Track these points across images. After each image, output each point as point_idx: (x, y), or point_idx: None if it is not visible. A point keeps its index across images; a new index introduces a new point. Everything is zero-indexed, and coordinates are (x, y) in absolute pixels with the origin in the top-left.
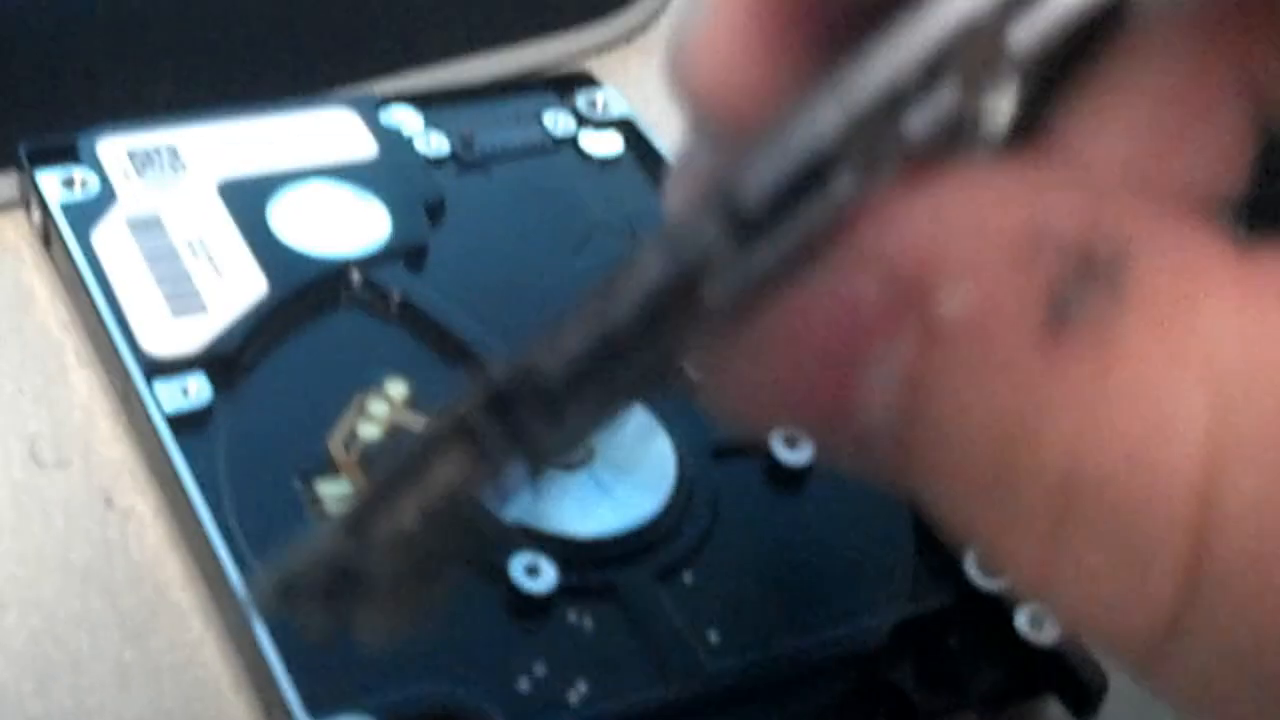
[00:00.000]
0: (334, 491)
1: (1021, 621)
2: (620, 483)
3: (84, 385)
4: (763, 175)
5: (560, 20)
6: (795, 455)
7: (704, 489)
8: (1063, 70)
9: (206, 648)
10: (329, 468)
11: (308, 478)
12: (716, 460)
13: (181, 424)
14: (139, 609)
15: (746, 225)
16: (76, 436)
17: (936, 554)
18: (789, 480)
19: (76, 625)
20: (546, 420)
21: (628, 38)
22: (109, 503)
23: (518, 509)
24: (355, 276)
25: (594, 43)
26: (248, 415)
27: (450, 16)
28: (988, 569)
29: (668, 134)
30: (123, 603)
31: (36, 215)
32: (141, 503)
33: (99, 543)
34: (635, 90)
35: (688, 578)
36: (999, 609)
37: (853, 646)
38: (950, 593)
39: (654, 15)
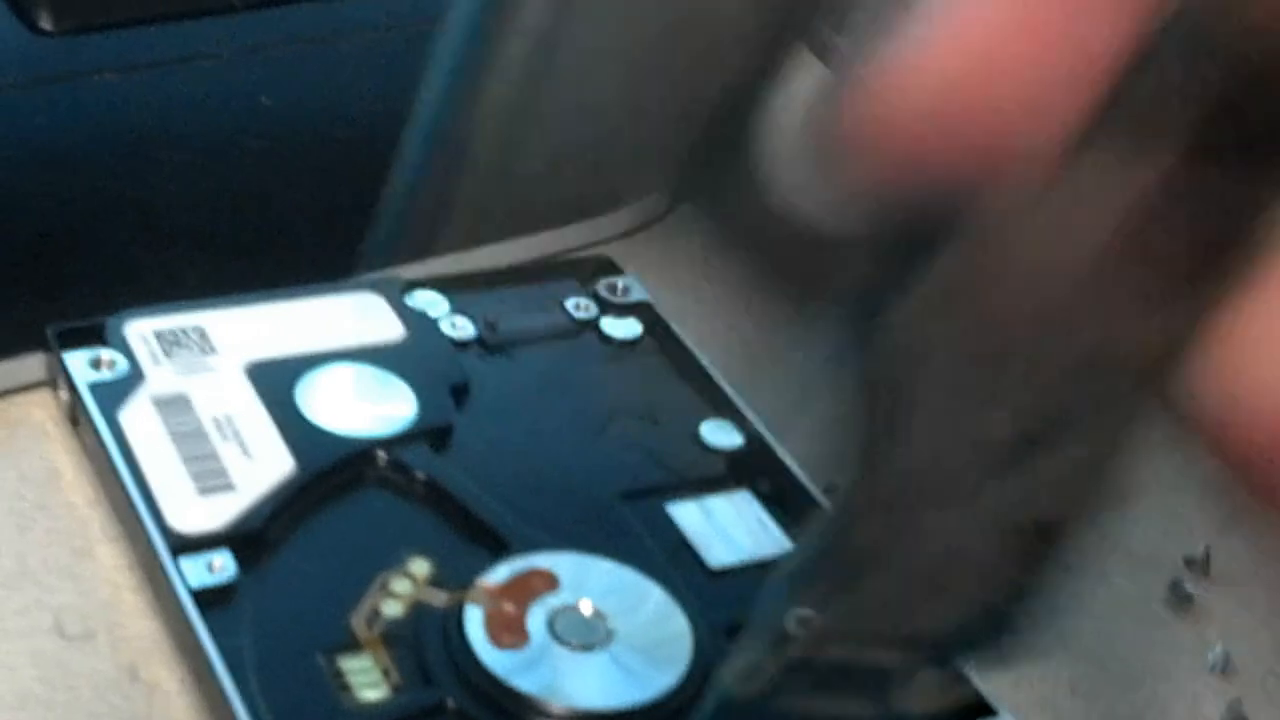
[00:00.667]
0: (357, 667)
1: None
2: (638, 660)
3: (110, 560)
4: None
5: (579, 209)
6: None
7: (720, 664)
8: None
9: None
10: (352, 644)
11: (331, 653)
12: (731, 637)
13: (207, 600)
14: None
15: None
16: (102, 610)
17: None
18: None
19: None
20: None
21: (645, 225)
22: (134, 676)
23: (538, 684)
24: (381, 456)
25: (612, 231)
26: (273, 591)
27: (474, 204)
28: None
29: (683, 318)
30: None
31: (64, 395)
32: (167, 676)
33: (125, 716)
34: (653, 275)
35: None
36: None
37: None
38: None
39: (669, 204)
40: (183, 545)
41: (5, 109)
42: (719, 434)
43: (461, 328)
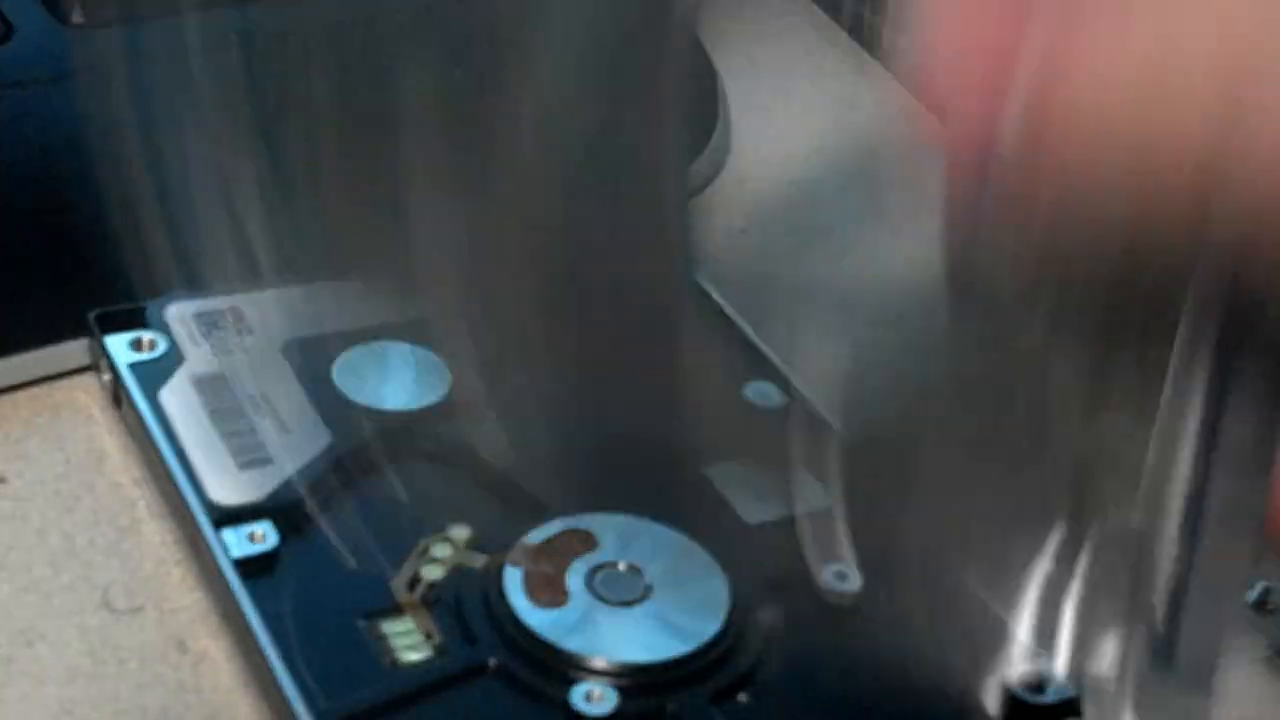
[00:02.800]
0: (398, 629)
1: None
2: (677, 613)
3: (156, 536)
4: None
5: None
6: (846, 585)
7: (758, 617)
8: None
9: None
10: (394, 608)
11: (373, 618)
12: (770, 591)
13: (249, 569)
14: None
15: None
16: (149, 585)
17: (985, 677)
18: (840, 609)
19: None
20: None
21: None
22: (182, 647)
23: (579, 640)
24: (417, 428)
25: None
26: (313, 560)
27: None
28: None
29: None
30: None
31: (106, 377)
32: (214, 646)
33: (173, 687)
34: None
35: (742, 700)
36: None
37: None
38: (994, 705)
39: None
40: (224, 517)
41: (37, 101)
42: (760, 395)
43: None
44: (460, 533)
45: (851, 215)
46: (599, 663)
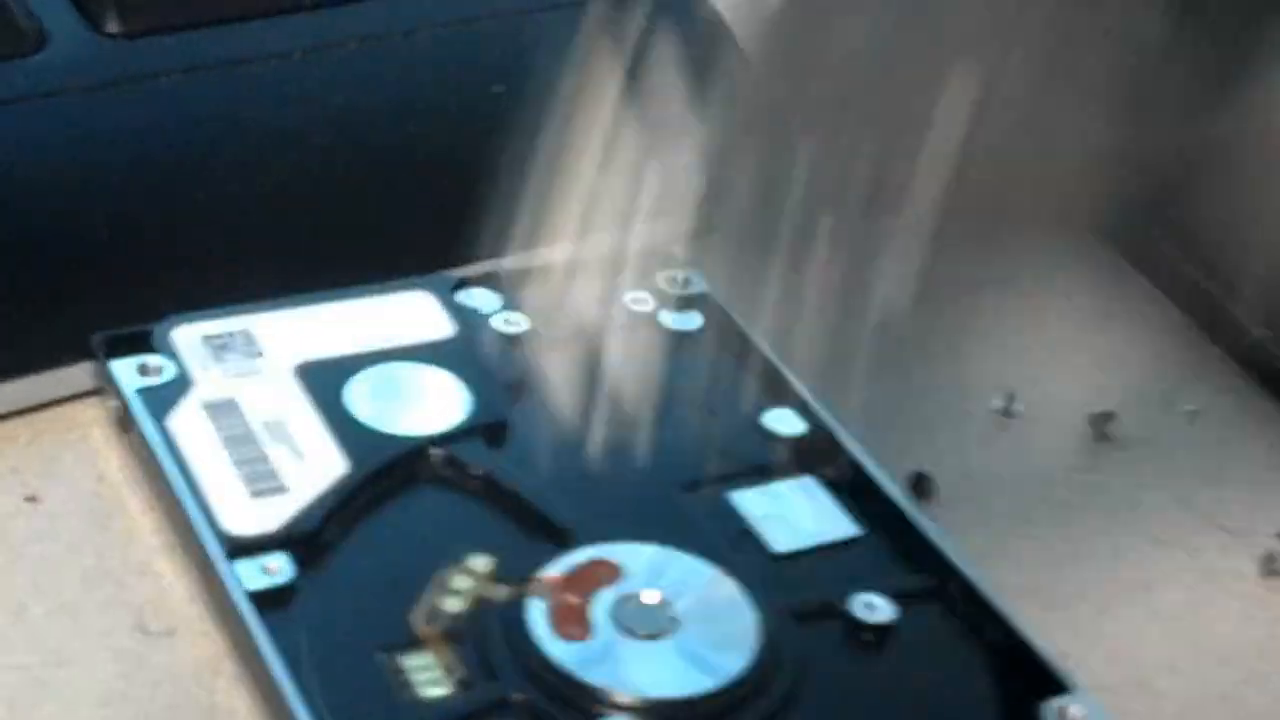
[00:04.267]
0: (418, 664)
1: None
2: (706, 647)
3: (185, 559)
4: None
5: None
6: (875, 615)
7: (788, 650)
8: None
9: None
10: (413, 642)
11: (391, 652)
12: (799, 622)
13: (264, 601)
14: None
15: None
16: (183, 607)
17: (1015, 703)
18: (870, 639)
19: None
20: None
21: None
22: (216, 670)
23: (604, 675)
24: (435, 454)
25: (671, 233)
26: (330, 591)
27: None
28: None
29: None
30: None
31: (114, 403)
32: (245, 671)
33: (206, 710)
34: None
35: None
36: None
37: None
38: None
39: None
40: (238, 548)
41: (73, 112)
42: (781, 422)
43: (514, 323)
44: (481, 563)
45: None
46: (624, 698)
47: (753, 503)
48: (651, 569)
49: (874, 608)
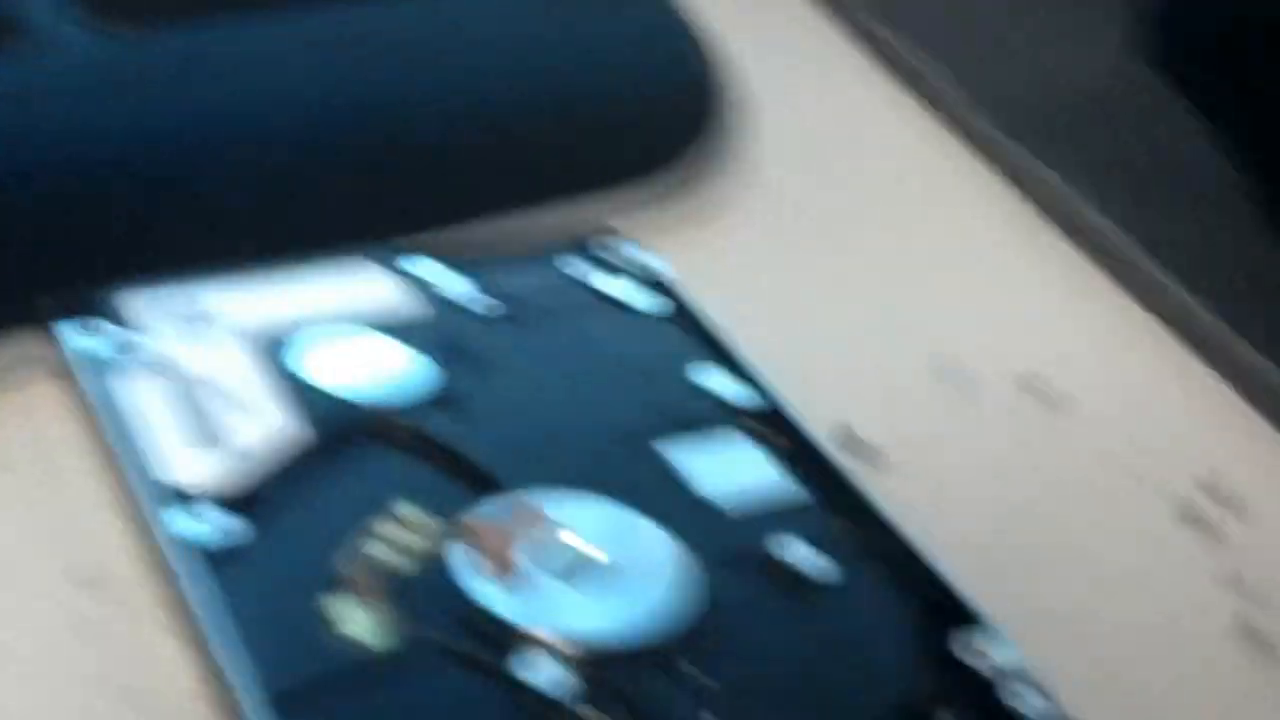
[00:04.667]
0: (345, 608)
1: (1008, 697)
2: (629, 591)
3: (122, 513)
4: None
5: (595, 183)
6: (799, 560)
7: (710, 593)
8: None
9: None
10: (340, 586)
11: (319, 597)
12: (723, 567)
13: (196, 551)
14: None
15: None
16: (116, 560)
17: (927, 636)
18: (793, 585)
19: None
20: None
21: (661, 202)
22: (150, 622)
23: (525, 615)
24: (376, 414)
25: (627, 205)
26: (263, 542)
27: (488, 178)
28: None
29: (697, 290)
30: (160, 718)
31: (60, 364)
32: (179, 623)
33: (141, 660)
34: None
35: (694, 675)
36: (987, 686)
37: None
38: (940, 671)
39: (690, 180)
40: (173, 499)
41: (77, 107)
42: (715, 379)
43: (463, 293)
44: (410, 512)
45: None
46: (547, 637)
47: (684, 455)
48: (578, 514)
49: (797, 554)
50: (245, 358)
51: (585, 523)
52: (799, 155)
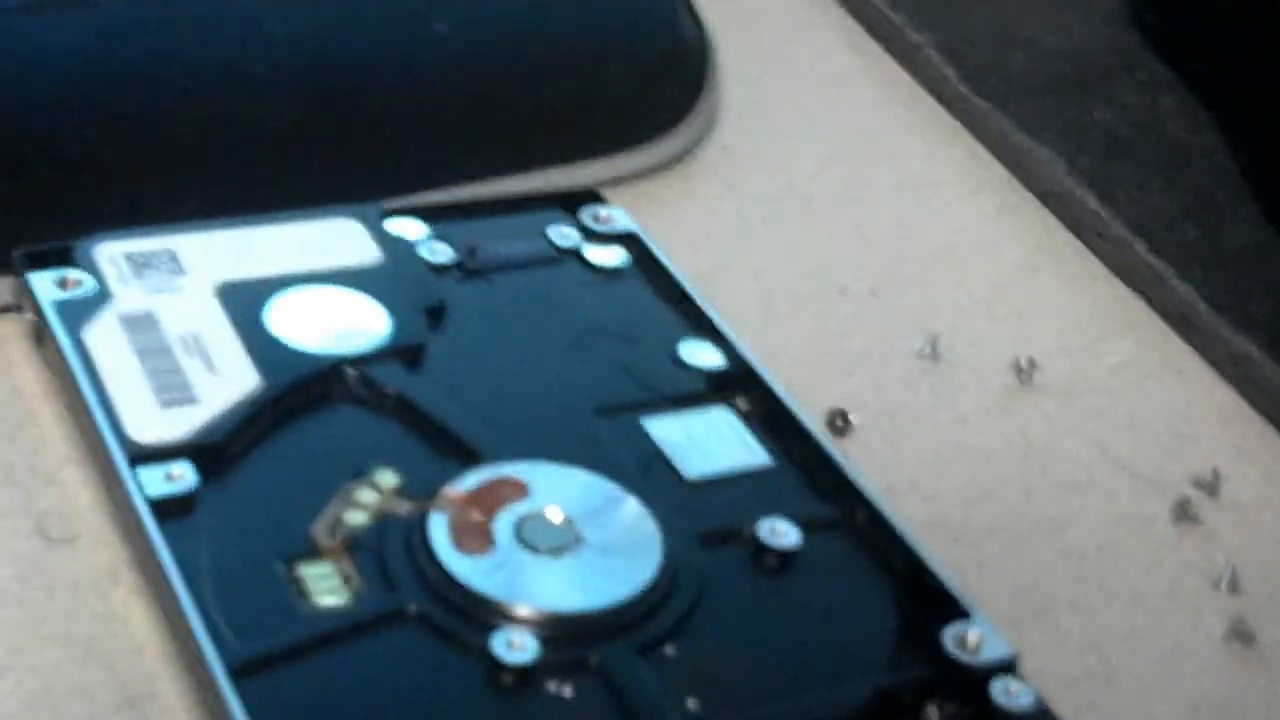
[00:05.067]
0: (316, 573)
1: (996, 691)
2: (607, 566)
3: (89, 471)
4: None
5: (575, 151)
6: (781, 540)
7: (689, 570)
8: None
9: None
10: (313, 551)
11: (290, 561)
12: (704, 545)
13: (164, 509)
14: (137, 682)
15: None
16: (85, 515)
17: (915, 628)
18: (775, 564)
19: (77, 696)
20: None
21: (645, 167)
22: (114, 579)
23: (502, 588)
24: (350, 373)
25: (608, 175)
26: (234, 501)
27: (464, 143)
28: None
29: (678, 252)
30: (122, 675)
31: (31, 316)
32: (144, 581)
33: (102, 617)
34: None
35: (669, 651)
36: (975, 680)
37: (831, 715)
38: (928, 664)
39: (674, 146)
40: (142, 455)
41: (46, 56)
42: (700, 353)
43: (440, 253)
44: (387, 478)
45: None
46: (521, 610)
47: (666, 429)
48: (558, 488)
49: (780, 533)
50: (219, 312)
51: (564, 496)
52: (782, 122)
